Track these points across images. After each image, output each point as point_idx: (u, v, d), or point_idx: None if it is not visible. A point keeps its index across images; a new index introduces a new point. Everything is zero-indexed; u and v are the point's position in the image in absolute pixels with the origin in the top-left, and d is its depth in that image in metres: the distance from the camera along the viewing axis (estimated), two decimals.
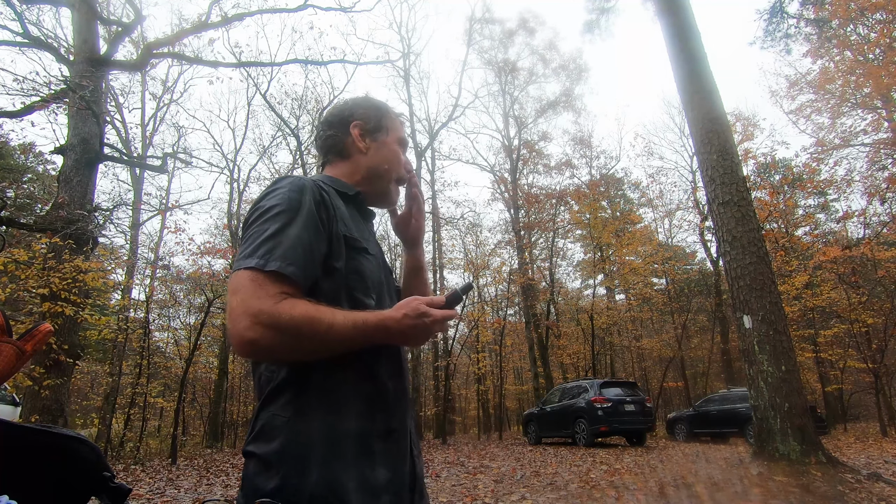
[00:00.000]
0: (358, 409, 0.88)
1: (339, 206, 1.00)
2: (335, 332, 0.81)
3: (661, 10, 8.22)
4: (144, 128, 19.12)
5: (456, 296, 0.95)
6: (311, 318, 0.80)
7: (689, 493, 5.32)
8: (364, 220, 1.10)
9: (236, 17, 12.55)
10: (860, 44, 14.69)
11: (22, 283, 7.92)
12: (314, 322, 0.80)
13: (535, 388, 19.17)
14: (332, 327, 0.81)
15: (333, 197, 1.00)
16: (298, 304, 0.81)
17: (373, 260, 1.01)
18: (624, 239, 20.25)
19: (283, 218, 0.88)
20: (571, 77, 24.44)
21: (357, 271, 0.96)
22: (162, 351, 19.39)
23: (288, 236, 0.86)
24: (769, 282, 6.38)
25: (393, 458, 0.91)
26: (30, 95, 9.33)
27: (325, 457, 0.82)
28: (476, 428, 23.16)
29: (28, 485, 0.77)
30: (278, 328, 0.78)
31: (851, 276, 15.21)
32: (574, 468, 7.56)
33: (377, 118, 1.14)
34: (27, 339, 0.77)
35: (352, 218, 1.03)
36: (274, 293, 0.80)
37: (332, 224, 0.94)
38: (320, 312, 0.81)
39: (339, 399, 0.87)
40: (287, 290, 0.82)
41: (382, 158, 1.13)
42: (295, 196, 0.91)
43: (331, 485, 0.80)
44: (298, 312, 0.79)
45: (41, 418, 7.48)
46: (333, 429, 0.84)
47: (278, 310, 0.79)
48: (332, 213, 0.95)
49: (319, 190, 0.95)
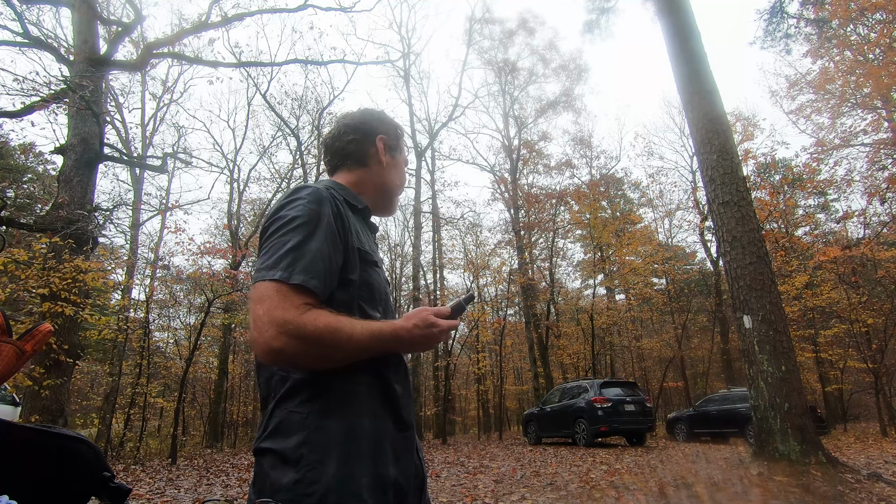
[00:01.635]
0: (372, 409, 0.92)
1: (352, 218, 1.04)
2: (355, 342, 0.86)
3: (661, 10, 8.22)
4: (144, 128, 19.11)
5: (460, 306, 0.99)
6: (333, 329, 0.84)
7: (689, 493, 5.32)
8: (371, 231, 1.14)
9: (236, 17, 12.55)
10: (860, 44, 14.68)
11: (22, 283, 7.92)
12: (336, 332, 0.84)
13: (535, 388, 19.16)
14: (352, 337, 0.85)
15: (345, 208, 1.03)
16: (322, 315, 0.85)
17: (381, 273, 1.06)
18: (624, 239, 20.24)
19: (304, 230, 0.91)
20: (571, 77, 24.45)
21: (368, 283, 1.00)
22: (162, 351, 19.38)
23: (310, 249, 0.89)
24: (769, 282, 6.38)
25: (401, 456, 0.95)
26: (30, 95, 9.34)
27: (342, 453, 0.85)
28: (476, 428, 23.17)
29: (28, 485, 0.77)
30: (303, 338, 0.82)
31: (851, 276, 15.21)
32: (574, 468, 7.56)
33: (396, 137, 1.22)
34: (27, 339, 0.77)
35: (361, 230, 1.07)
36: (298, 304, 0.85)
37: (347, 236, 0.98)
38: (341, 323, 0.86)
39: (355, 398, 0.91)
40: (309, 302, 0.87)
41: (398, 176, 1.22)
42: (315, 208, 0.94)
43: (347, 479, 0.84)
44: (322, 323, 0.84)
45: (41, 418, 7.48)
46: (350, 427, 0.88)
47: (303, 320, 0.83)
48: (347, 226, 0.99)
49: (336, 202, 0.99)
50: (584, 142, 23.79)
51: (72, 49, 10.47)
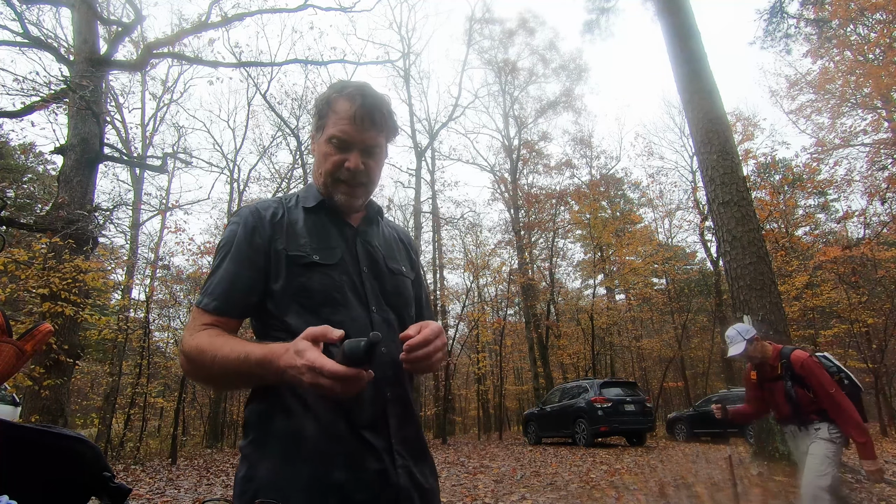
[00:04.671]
0: (321, 411, 0.89)
1: (297, 221, 1.02)
2: (219, 363, 0.86)
3: (661, 10, 8.22)
4: (144, 128, 19.13)
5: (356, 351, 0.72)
6: (200, 349, 0.88)
7: (689, 493, 5.32)
8: (336, 225, 1.05)
9: (236, 17, 12.55)
10: (860, 44, 14.68)
11: (22, 283, 7.92)
12: (201, 353, 0.88)
13: (535, 388, 19.17)
14: (215, 358, 0.86)
15: (293, 212, 1.04)
16: (199, 336, 0.90)
17: (328, 271, 0.97)
18: (624, 239, 20.24)
19: (221, 254, 0.99)
20: (571, 77, 24.48)
21: (303, 287, 0.96)
22: (162, 351, 19.37)
23: (219, 272, 0.97)
24: (769, 282, 6.38)
25: (358, 462, 0.89)
26: (30, 95, 9.34)
27: (280, 452, 0.88)
28: (476, 428, 23.15)
29: (28, 485, 0.77)
30: (186, 355, 0.91)
31: (851, 276, 15.19)
32: (574, 468, 7.56)
33: (322, 113, 1.04)
34: (27, 339, 0.77)
35: (315, 228, 1.02)
36: (196, 326, 0.93)
37: (271, 245, 0.98)
38: (212, 345, 0.88)
39: (303, 401, 0.90)
40: (208, 322, 0.93)
41: (316, 160, 1.07)
42: (234, 229, 1.00)
43: (281, 478, 0.86)
44: (194, 343, 0.89)
45: (41, 418, 7.48)
46: (292, 428, 0.89)
47: (187, 340, 0.91)
48: (271, 234, 0.99)
49: (260, 214, 1.01)
50: (584, 142, 23.81)
51: (72, 49, 10.47)
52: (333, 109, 1.02)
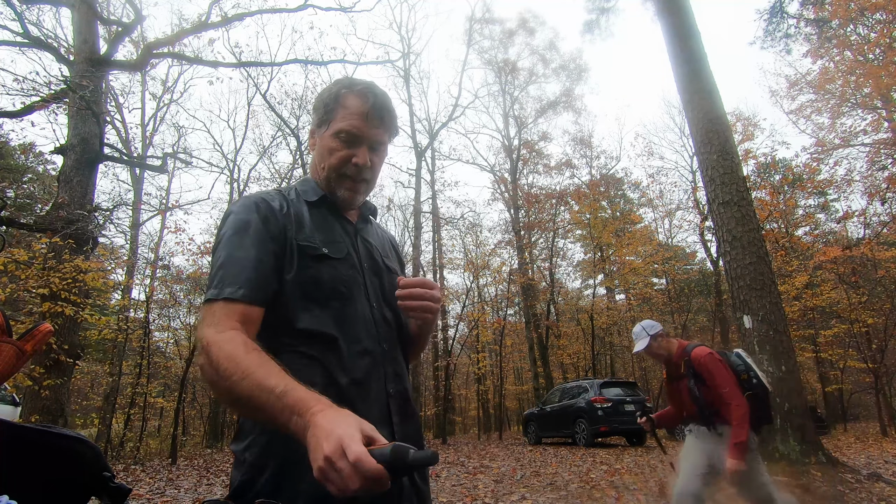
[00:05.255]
0: None
1: (302, 214, 1.01)
2: (246, 387, 0.73)
3: (661, 10, 8.22)
4: (144, 128, 19.12)
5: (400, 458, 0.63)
6: (233, 359, 0.75)
7: None
8: (338, 220, 1.06)
9: (236, 17, 12.55)
10: (860, 44, 14.68)
11: (22, 283, 7.92)
12: (235, 364, 0.75)
13: (535, 388, 19.17)
14: (245, 379, 0.73)
15: (295, 204, 1.01)
16: (235, 343, 0.78)
17: (336, 265, 0.98)
18: (624, 239, 20.24)
19: (233, 242, 0.91)
20: (571, 77, 24.48)
21: (313, 279, 0.94)
22: (162, 351, 19.39)
23: (237, 259, 0.89)
24: (769, 282, 6.38)
25: None
26: (30, 95, 9.34)
27: (282, 458, 0.84)
28: (476, 428, 23.15)
29: (28, 485, 0.77)
30: (213, 362, 0.77)
31: (851, 276, 15.20)
32: (574, 468, 7.56)
33: (324, 110, 1.04)
34: (27, 339, 0.77)
35: (319, 222, 1.02)
36: (224, 323, 0.82)
37: (284, 234, 0.95)
38: (248, 361, 0.75)
39: None
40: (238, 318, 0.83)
41: (318, 154, 1.06)
42: (243, 217, 0.94)
43: (282, 486, 0.83)
44: (229, 350, 0.77)
45: (41, 418, 7.48)
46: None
47: (216, 339, 0.79)
48: (284, 224, 0.96)
49: (268, 204, 0.97)
50: (584, 142, 23.81)
51: (72, 49, 10.47)
52: (343, 105, 1.02)
